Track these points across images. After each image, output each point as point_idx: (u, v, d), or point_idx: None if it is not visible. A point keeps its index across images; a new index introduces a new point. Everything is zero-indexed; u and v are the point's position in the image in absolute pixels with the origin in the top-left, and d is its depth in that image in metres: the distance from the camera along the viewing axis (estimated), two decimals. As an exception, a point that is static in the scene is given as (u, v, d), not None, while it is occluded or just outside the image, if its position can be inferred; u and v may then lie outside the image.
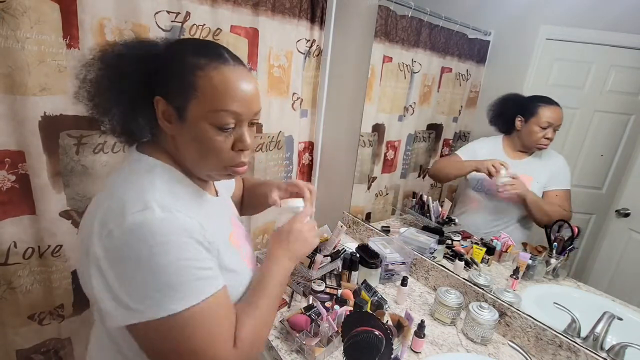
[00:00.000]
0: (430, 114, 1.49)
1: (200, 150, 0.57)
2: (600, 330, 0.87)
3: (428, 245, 1.29)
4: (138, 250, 0.48)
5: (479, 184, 1.27)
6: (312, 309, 0.98)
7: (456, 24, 1.32)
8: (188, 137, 0.57)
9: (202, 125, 0.55)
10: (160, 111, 0.57)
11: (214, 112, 0.54)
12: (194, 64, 0.54)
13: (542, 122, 1.10)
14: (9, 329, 1.06)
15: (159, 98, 0.56)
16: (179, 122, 0.56)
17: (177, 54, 0.57)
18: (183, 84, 0.54)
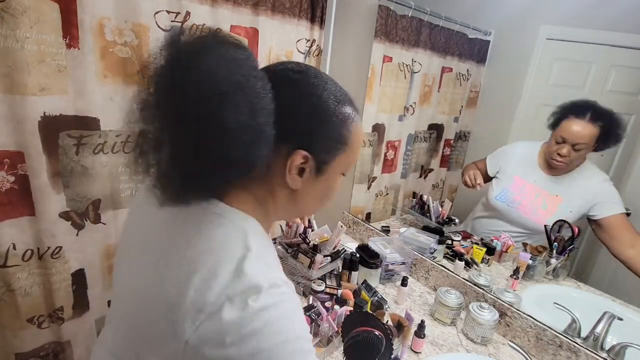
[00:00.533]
0: (430, 113, 1.49)
1: (323, 199, 0.53)
2: (600, 330, 0.87)
3: (428, 245, 1.29)
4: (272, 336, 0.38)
5: (503, 194, 1.19)
6: (312, 309, 0.97)
7: (456, 23, 1.33)
8: (318, 190, 0.51)
9: (337, 177, 0.52)
10: (296, 165, 0.46)
11: (352, 163, 0.52)
12: (345, 116, 0.47)
13: (557, 135, 0.99)
14: (8, 332, 1.05)
15: (302, 152, 0.46)
16: (313, 176, 0.48)
17: (324, 99, 0.46)
18: (335, 136, 0.47)
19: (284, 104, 0.43)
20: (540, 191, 1.09)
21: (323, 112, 0.46)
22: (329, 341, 0.89)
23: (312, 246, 1.16)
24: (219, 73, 0.38)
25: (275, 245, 1.28)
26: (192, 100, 0.38)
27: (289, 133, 0.45)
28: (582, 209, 1.03)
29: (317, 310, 0.95)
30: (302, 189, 0.50)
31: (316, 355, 0.57)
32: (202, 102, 0.38)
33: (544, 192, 1.09)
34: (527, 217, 1.13)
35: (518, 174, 1.16)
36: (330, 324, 0.90)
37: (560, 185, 1.06)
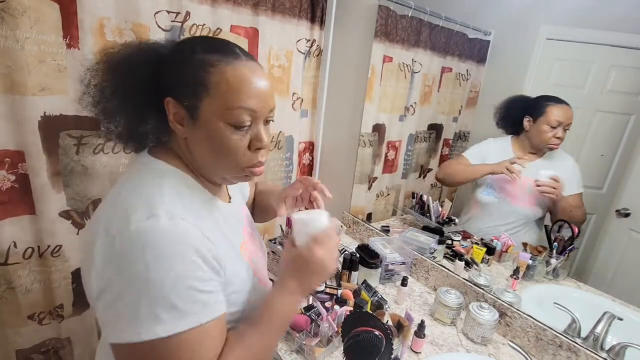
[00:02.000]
0: (430, 113, 1.49)
1: (215, 151, 0.54)
2: (600, 330, 0.86)
3: (428, 245, 1.29)
4: (137, 261, 0.44)
5: (489, 188, 1.24)
6: (312, 309, 0.97)
7: (456, 23, 1.32)
8: (202, 138, 0.54)
9: (217, 125, 0.52)
10: (171, 113, 0.54)
11: (229, 109, 0.51)
12: (205, 61, 0.51)
13: (552, 120, 1.07)
14: (8, 329, 1.06)
15: (169, 99, 0.53)
16: (191, 122, 0.53)
17: (186, 52, 0.53)
18: (194, 81, 0.51)
19: (162, 62, 0.54)
20: (524, 178, 1.16)
21: (181, 60, 0.53)
22: (328, 341, 0.89)
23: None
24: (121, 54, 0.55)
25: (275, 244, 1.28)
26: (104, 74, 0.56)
27: (163, 86, 0.54)
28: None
29: (317, 310, 0.95)
30: (190, 138, 0.55)
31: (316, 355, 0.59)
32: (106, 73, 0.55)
33: (527, 178, 1.15)
34: (515, 204, 1.19)
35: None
36: (330, 324, 0.90)
37: (539, 169, 1.14)
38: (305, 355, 0.88)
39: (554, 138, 1.09)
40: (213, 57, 0.52)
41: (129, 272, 0.45)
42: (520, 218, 1.19)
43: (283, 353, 0.88)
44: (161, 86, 0.54)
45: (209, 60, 0.51)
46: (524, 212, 1.17)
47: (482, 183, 1.27)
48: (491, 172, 1.22)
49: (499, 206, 1.23)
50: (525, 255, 1.10)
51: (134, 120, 0.57)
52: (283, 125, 1.52)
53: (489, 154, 1.26)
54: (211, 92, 0.51)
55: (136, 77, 0.54)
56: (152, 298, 0.44)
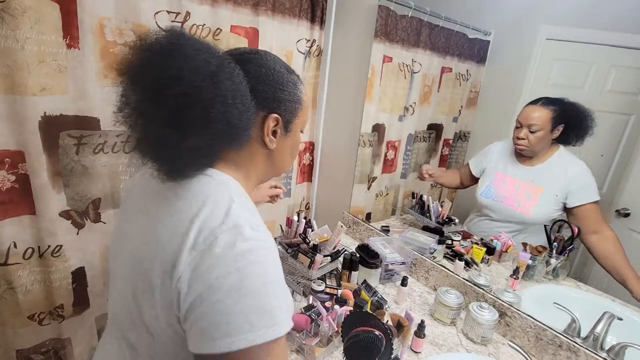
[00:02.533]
0: (430, 114, 1.49)
1: (292, 155, 0.65)
2: (600, 330, 0.87)
3: (428, 245, 1.29)
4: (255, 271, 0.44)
5: (487, 190, 1.23)
6: (312, 309, 0.97)
7: (456, 23, 1.32)
8: (288, 145, 0.62)
9: (298, 133, 0.63)
10: (271, 127, 0.57)
11: (307, 120, 0.64)
12: (296, 80, 0.60)
13: (517, 121, 1.08)
14: (8, 329, 1.06)
15: (275, 115, 0.56)
16: (284, 134, 0.60)
17: (280, 69, 0.57)
18: (295, 99, 0.59)
19: (251, 78, 0.53)
20: (521, 183, 1.14)
21: (281, 80, 0.57)
22: (329, 341, 0.89)
23: (312, 246, 1.16)
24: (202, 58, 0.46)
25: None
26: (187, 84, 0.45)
27: (261, 101, 0.55)
28: (561, 196, 1.07)
29: (317, 310, 0.95)
30: (276, 148, 0.60)
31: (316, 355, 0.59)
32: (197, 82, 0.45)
33: (524, 183, 1.14)
34: (512, 209, 1.16)
35: (499, 170, 1.22)
36: (330, 324, 0.90)
37: (538, 175, 1.11)
38: (305, 355, 0.88)
39: (516, 138, 1.09)
40: (294, 76, 0.60)
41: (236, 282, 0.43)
42: (518, 222, 1.17)
43: (283, 353, 0.88)
44: (258, 101, 0.54)
45: (296, 80, 0.60)
46: (522, 218, 1.15)
47: (481, 184, 1.26)
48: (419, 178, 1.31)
49: (498, 209, 1.21)
50: (525, 255, 1.10)
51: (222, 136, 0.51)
52: (283, 125, 1.52)
53: (490, 158, 1.25)
54: (303, 107, 0.61)
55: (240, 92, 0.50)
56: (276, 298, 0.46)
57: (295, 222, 1.25)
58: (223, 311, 0.43)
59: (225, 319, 0.43)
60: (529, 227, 1.16)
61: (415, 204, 1.49)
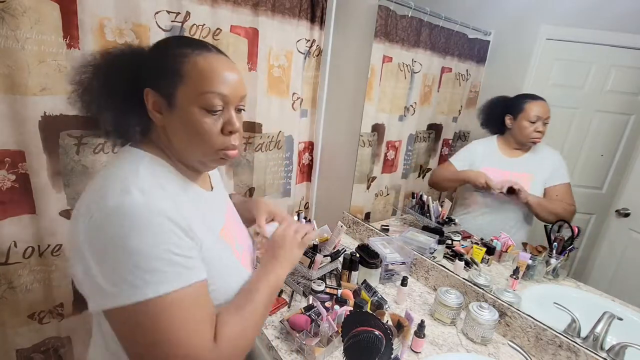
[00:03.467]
0: (430, 114, 1.49)
1: (191, 135, 0.58)
2: (600, 330, 0.86)
3: (428, 245, 1.29)
4: (115, 233, 0.47)
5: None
6: (312, 309, 0.97)
7: (456, 23, 1.32)
8: (178, 123, 0.58)
9: (192, 109, 0.56)
10: (151, 102, 0.58)
11: (202, 94, 0.56)
12: (179, 53, 0.57)
13: (531, 116, 1.13)
14: (8, 328, 1.06)
15: (148, 89, 0.57)
16: (168, 110, 0.58)
17: (162, 48, 0.59)
18: (170, 71, 0.56)
19: (140, 61, 0.59)
20: (511, 173, 1.21)
21: (157, 55, 0.59)
22: (329, 341, 0.89)
23: (312, 246, 1.16)
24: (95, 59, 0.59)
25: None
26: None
27: (140, 81, 0.58)
28: (546, 178, 1.15)
29: (317, 310, 0.95)
30: (168, 125, 0.59)
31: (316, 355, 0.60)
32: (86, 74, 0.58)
33: (515, 173, 1.20)
34: (504, 198, 1.21)
35: (487, 164, 1.27)
36: (330, 323, 0.90)
37: (527, 163, 1.19)
38: (305, 355, 0.88)
39: (535, 132, 1.13)
40: (186, 50, 0.57)
41: (110, 243, 0.47)
42: (514, 212, 1.22)
43: (283, 353, 0.88)
44: (141, 80, 0.58)
45: (182, 52, 0.57)
46: (517, 206, 1.20)
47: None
48: (469, 181, 1.28)
49: (492, 202, 1.26)
50: (525, 255, 1.10)
51: (118, 115, 0.59)
52: (283, 125, 1.52)
53: (476, 156, 1.31)
54: (185, 79, 0.56)
55: (116, 72, 0.58)
56: (135, 264, 0.47)
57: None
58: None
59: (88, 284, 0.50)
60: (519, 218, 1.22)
61: (415, 204, 1.49)
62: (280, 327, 0.96)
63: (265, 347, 0.96)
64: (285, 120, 1.52)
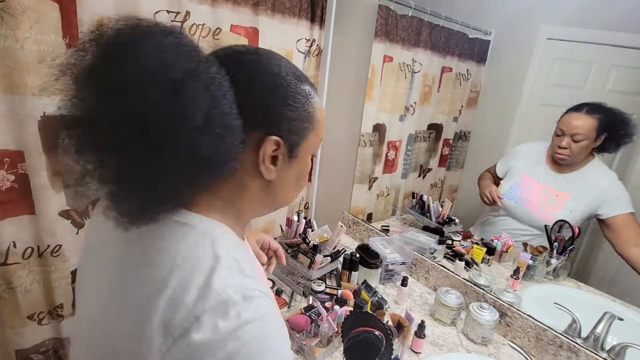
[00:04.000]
0: (430, 113, 1.48)
1: (297, 185, 0.49)
2: (600, 330, 0.86)
3: (428, 246, 1.29)
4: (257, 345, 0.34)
5: (511, 191, 1.19)
6: (312, 309, 0.97)
7: (456, 23, 1.32)
8: (293, 174, 0.47)
9: (308, 159, 0.48)
10: (269, 154, 0.42)
11: (320, 141, 0.48)
12: (309, 92, 0.44)
13: (558, 127, 1.03)
14: (8, 329, 1.06)
15: (273, 138, 0.42)
16: (287, 161, 0.45)
17: (285, 78, 0.42)
18: (303, 116, 0.44)
19: (243, 88, 0.39)
20: (549, 188, 1.10)
21: (286, 92, 0.42)
22: (329, 341, 0.89)
23: (312, 246, 1.16)
24: (165, 60, 0.33)
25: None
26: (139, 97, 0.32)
27: (254, 119, 0.40)
28: (589, 206, 1.03)
29: (317, 311, 0.95)
30: (277, 178, 0.45)
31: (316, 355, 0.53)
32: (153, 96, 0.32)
33: (552, 188, 1.10)
34: (535, 213, 1.13)
35: (526, 172, 1.17)
36: (330, 324, 0.90)
37: (568, 182, 1.07)
38: (305, 355, 0.88)
39: (557, 147, 1.03)
40: (308, 88, 0.45)
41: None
42: (535, 227, 1.14)
43: (283, 353, 0.88)
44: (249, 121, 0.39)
45: (309, 91, 0.45)
46: (540, 222, 1.11)
47: (505, 184, 1.21)
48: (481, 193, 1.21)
49: (519, 211, 1.17)
50: (525, 255, 1.10)
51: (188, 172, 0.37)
52: (283, 125, 1.52)
53: (517, 159, 1.19)
54: (315, 128, 0.46)
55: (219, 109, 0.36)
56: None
57: (295, 222, 1.25)
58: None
59: None
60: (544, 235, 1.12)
61: (416, 204, 1.49)
62: (280, 327, 0.96)
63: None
64: (285, 120, 1.52)
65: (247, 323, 0.34)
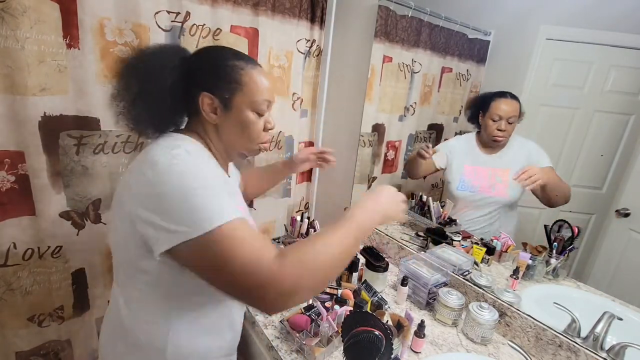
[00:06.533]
0: (430, 114, 1.49)
1: (243, 132, 0.72)
2: (600, 330, 0.87)
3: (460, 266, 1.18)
4: (172, 180, 0.55)
5: (462, 184, 1.30)
6: (312, 309, 0.97)
7: (456, 23, 1.32)
8: (233, 123, 0.71)
9: (246, 112, 0.71)
10: (206, 104, 0.69)
11: (256, 101, 0.71)
12: (238, 65, 0.69)
13: (493, 114, 1.16)
14: (8, 331, 1.06)
15: (205, 93, 0.68)
16: (223, 112, 0.70)
17: (218, 58, 0.70)
18: (229, 80, 0.68)
19: (194, 68, 0.69)
20: (491, 169, 1.23)
21: (216, 65, 0.69)
22: (329, 341, 0.89)
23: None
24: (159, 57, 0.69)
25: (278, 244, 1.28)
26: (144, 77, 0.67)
27: (196, 83, 0.68)
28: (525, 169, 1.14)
29: (317, 310, 0.95)
30: (221, 124, 0.71)
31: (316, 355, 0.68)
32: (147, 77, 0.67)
33: (494, 169, 1.23)
34: (489, 195, 1.24)
35: (467, 163, 1.30)
36: (330, 324, 0.90)
37: (503, 160, 1.21)
38: (305, 355, 0.88)
39: (497, 130, 1.16)
40: (242, 63, 0.70)
41: (168, 189, 0.55)
42: (497, 207, 1.24)
43: (283, 353, 0.88)
44: (193, 82, 0.68)
45: (240, 65, 0.69)
46: (499, 200, 1.22)
47: (453, 180, 1.32)
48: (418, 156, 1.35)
49: (476, 198, 1.28)
50: (525, 255, 1.10)
51: (161, 110, 0.68)
52: (283, 125, 1.52)
53: (454, 150, 1.34)
54: (243, 88, 0.69)
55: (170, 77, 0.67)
56: (192, 203, 0.54)
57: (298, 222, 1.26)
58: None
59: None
60: (504, 211, 1.23)
61: (415, 204, 1.49)
62: (280, 327, 0.96)
63: (265, 347, 0.96)
64: (286, 120, 1.52)
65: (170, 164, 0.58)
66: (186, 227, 0.53)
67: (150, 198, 0.56)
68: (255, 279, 0.52)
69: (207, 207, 0.54)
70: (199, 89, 0.68)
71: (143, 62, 0.67)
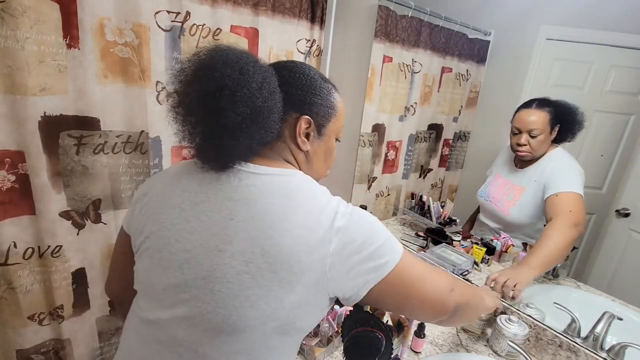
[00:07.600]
0: (430, 114, 1.49)
1: (326, 161, 0.69)
2: (600, 330, 0.87)
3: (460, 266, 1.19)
4: (364, 223, 0.55)
5: (483, 190, 1.26)
6: (313, 309, 0.97)
7: (456, 24, 1.33)
8: (321, 150, 0.66)
9: (332, 139, 0.67)
10: (303, 128, 0.61)
11: (342, 127, 0.68)
12: (330, 88, 0.64)
13: (513, 127, 1.07)
14: (8, 329, 1.06)
15: (306, 117, 0.60)
16: (316, 137, 0.64)
17: (315, 77, 0.63)
18: (328, 105, 0.63)
19: (285, 82, 0.59)
20: (510, 184, 1.15)
21: (314, 85, 0.61)
22: (329, 341, 0.89)
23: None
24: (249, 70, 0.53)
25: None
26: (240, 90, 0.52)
27: (292, 104, 0.59)
28: (539, 194, 1.05)
29: (316, 310, 0.95)
30: (311, 151, 0.64)
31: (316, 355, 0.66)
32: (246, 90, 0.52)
33: (510, 183, 1.14)
34: (496, 208, 1.18)
35: (498, 171, 1.23)
36: (330, 324, 0.90)
37: (525, 176, 1.11)
38: (305, 355, 0.88)
39: (516, 145, 1.06)
40: (330, 85, 0.65)
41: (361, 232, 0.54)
42: (498, 222, 1.18)
43: (283, 353, 0.88)
44: (290, 104, 0.59)
45: (331, 88, 0.65)
46: (500, 216, 1.16)
47: (483, 184, 1.27)
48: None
49: (486, 207, 1.24)
50: (525, 255, 1.10)
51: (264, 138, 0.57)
52: (283, 125, 1.52)
53: (498, 158, 1.25)
54: (336, 114, 0.65)
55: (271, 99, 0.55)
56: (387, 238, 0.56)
57: None
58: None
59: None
60: (508, 228, 1.17)
61: (415, 204, 1.50)
62: (280, 327, 0.96)
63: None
64: (285, 120, 1.52)
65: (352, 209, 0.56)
66: (384, 262, 0.55)
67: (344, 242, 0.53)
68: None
69: (393, 241, 0.57)
70: (295, 111, 0.59)
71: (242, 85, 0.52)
